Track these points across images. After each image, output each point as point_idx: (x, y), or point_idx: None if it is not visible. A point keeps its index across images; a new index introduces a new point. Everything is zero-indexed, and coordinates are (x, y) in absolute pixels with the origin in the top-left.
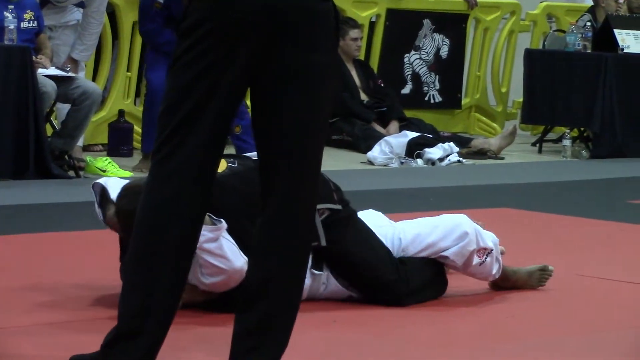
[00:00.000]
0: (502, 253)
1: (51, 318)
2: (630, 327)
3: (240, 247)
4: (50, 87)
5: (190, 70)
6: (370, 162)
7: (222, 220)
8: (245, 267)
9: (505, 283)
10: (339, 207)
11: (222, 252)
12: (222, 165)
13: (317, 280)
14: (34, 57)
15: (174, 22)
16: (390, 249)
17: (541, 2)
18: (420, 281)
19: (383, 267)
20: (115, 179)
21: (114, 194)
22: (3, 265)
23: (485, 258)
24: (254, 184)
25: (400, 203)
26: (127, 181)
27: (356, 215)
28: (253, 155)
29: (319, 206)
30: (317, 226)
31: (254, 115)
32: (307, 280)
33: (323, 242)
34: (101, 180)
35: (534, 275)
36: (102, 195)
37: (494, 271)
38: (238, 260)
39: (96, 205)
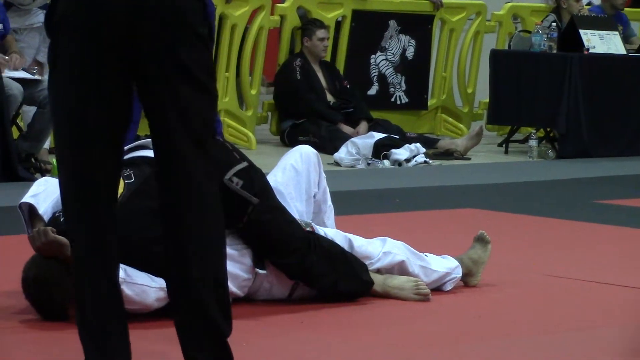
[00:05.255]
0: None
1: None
2: (598, 327)
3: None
4: (16, 89)
5: (70, 87)
6: (337, 164)
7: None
8: (159, 296)
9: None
10: (245, 164)
11: (132, 299)
12: (120, 186)
13: (260, 278)
14: (2, 56)
15: None
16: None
17: (506, 2)
18: (338, 258)
19: (294, 229)
20: (47, 189)
21: (44, 205)
22: None
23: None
24: (156, 194)
25: (367, 204)
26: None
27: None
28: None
29: (228, 174)
30: (239, 192)
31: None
32: (247, 275)
33: (255, 200)
34: (29, 198)
35: (478, 249)
36: (30, 213)
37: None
38: (148, 298)
39: (26, 228)
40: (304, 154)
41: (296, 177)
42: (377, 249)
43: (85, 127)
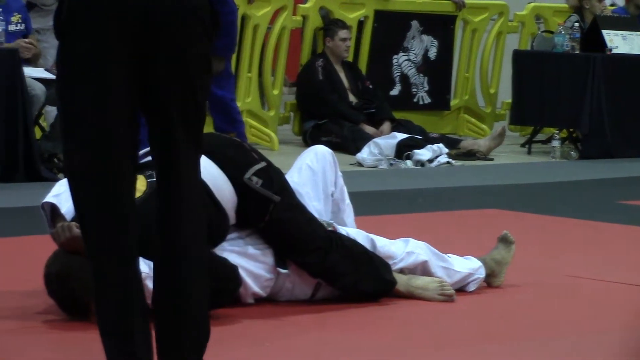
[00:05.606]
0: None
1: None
2: (620, 328)
3: None
4: (39, 89)
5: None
6: (360, 164)
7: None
8: None
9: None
10: (264, 164)
11: None
12: (141, 184)
13: (282, 278)
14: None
15: None
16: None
17: (529, 3)
18: (361, 257)
19: (315, 226)
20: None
21: (66, 205)
22: None
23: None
24: None
25: (389, 205)
26: None
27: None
28: None
29: (248, 173)
30: (260, 190)
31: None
32: (269, 275)
33: (276, 198)
34: (51, 197)
35: (502, 250)
36: (53, 212)
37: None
38: None
39: (48, 228)
40: (319, 153)
41: (313, 176)
42: (400, 249)
43: (102, 128)
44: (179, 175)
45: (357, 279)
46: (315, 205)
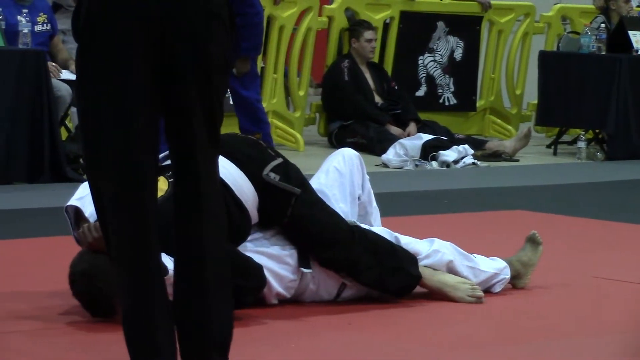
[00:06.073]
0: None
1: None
2: None
3: None
4: (65, 91)
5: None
6: (385, 165)
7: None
8: None
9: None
10: (280, 160)
11: None
12: (163, 183)
13: (306, 278)
14: (48, 63)
15: None
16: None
17: (555, 4)
18: (385, 250)
19: (337, 219)
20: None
21: (90, 208)
22: (21, 269)
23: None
24: None
25: (415, 205)
26: None
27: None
28: None
29: (266, 170)
30: (280, 185)
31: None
32: (292, 276)
33: (297, 191)
34: (75, 201)
35: (528, 250)
36: (76, 215)
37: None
38: None
39: (72, 230)
40: (346, 156)
41: (340, 179)
42: (425, 247)
43: (122, 129)
44: (197, 174)
45: (382, 272)
46: (342, 207)
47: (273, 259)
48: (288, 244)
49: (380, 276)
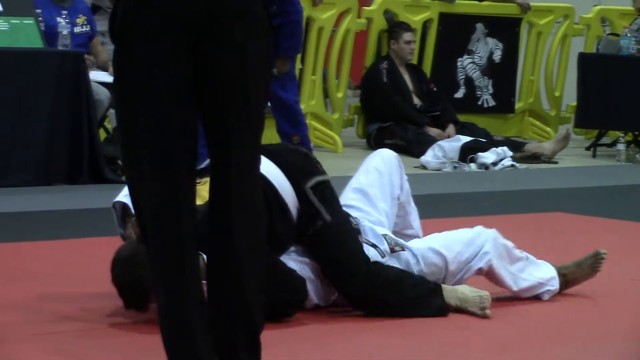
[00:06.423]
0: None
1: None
2: None
3: None
4: (103, 95)
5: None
6: (424, 167)
7: None
8: None
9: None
10: (326, 177)
11: None
12: (204, 190)
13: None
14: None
15: None
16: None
17: (595, 5)
18: (397, 288)
19: (357, 253)
20: None
21: None
22: (63, 270)
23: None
24: None
25: (453, 208)
26: None
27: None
28: None
29: (309, 183)
30: (315, 203)
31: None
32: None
33: (327, 217)
34: (123, 197)
35: (585, 264)
36: (124, 212)
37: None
38: None
39: (117, 226)
40: (385, 156)
41: (380, 178)
42: (473, 251)
43: (159, 130)
44: (237, 177)
45: (399, 308)
46: (383, 206)
47: (315, 273)
48: None
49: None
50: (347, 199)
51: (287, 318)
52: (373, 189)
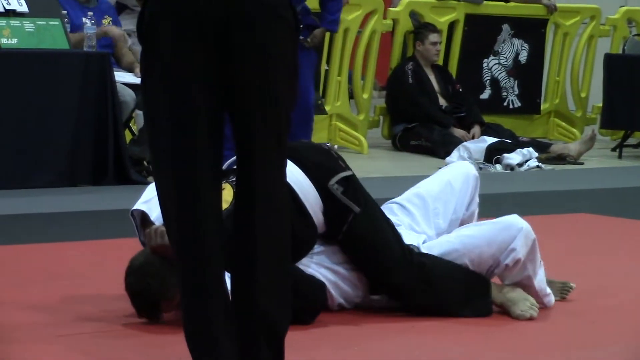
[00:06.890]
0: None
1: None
2: None
3: None
4: (129, 96)
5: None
6: None
7: None
8: None
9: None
10: (350, 172)
11: None
12: (228, 192)
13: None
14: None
15: None
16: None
17: (621, 6)
18: (443, 282)
19: (395, 240)
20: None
21: (156, 212)
22: (86, 271)
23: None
24: None
25: (479, 208)
26: None
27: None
28: None
29: (332, 180)
30: (342, 198)
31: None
32: (358, 293)
33: (357, 209)
34: (141, 204)
35: (554, 285)
36: (142, 219)
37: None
38: None
39: (137, 234)
40: (464, 174)
41: (449, 195)
42: (503, 249)
43: (188, 133)
44: (262, 179)
45: (441, 306)
46: (440, 222)
47: (339, 276)
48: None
49: (440, 307)
50: (406, 199)
51: (304, 324)
52: (437, 202)
